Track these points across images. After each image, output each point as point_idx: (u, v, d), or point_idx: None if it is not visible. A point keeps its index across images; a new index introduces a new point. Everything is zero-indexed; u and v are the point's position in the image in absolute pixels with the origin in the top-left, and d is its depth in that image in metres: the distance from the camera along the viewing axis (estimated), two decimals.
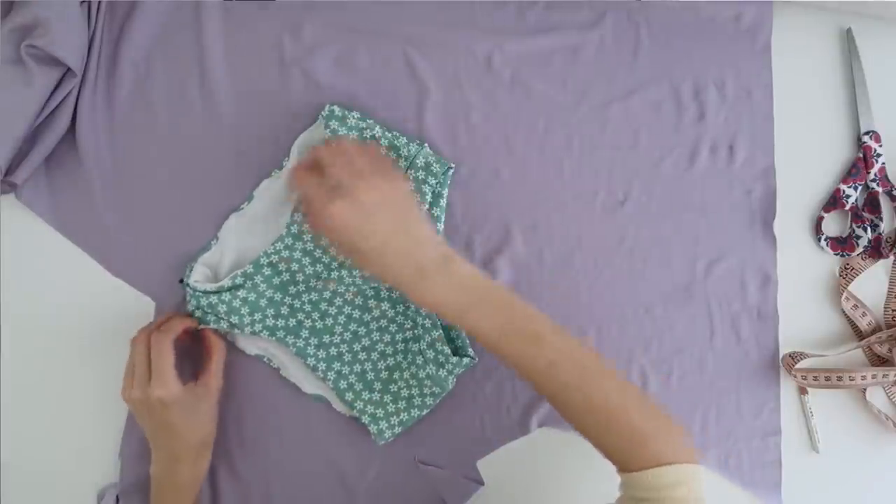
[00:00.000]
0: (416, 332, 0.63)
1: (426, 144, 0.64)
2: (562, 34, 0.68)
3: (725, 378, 0.66)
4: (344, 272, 0.63)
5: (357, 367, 0.63)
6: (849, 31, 0.69)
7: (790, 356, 0.66)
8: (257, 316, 0.62)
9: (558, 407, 0.55)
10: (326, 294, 0.63)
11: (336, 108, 0.64)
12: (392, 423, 0.63)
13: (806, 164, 0.68)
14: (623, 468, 0.52)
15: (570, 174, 0.67)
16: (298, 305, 0.63)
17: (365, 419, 0.63)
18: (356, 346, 0.64)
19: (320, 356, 0.63)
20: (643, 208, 0.67)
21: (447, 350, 0.61)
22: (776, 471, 0.66)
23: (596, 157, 0.67)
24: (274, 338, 0.63)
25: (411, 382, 0.63)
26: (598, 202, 0.67)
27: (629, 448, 0.52)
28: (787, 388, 0.67)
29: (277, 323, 0.63)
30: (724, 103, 0.68)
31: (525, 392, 0.66)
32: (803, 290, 0.68)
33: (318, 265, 0.63)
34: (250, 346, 0.64)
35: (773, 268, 0.67)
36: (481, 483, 0.65)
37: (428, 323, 0.62)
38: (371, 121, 0.64)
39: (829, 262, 0.68)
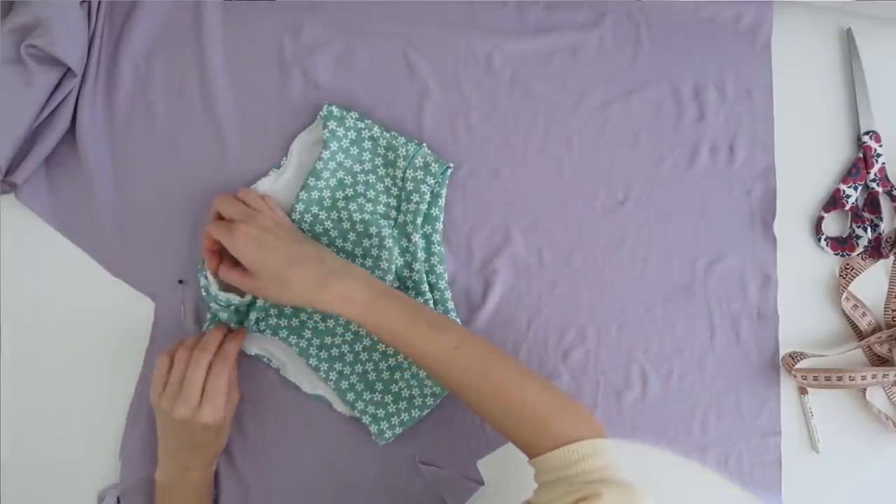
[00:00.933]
0: None
1: (424, 144, 0.64)
2: (562, 34, 0.68)
3: (725, 378, 0.66)
4: (348, 259, 0.63)
5: (358, 368, 0.63)
6: (849, 31, 0.69)
7: (790, 356, 0.66)
8: (261, 314, 0.62)
9: (464, 395, 0.56)
10: None
11: (334, 109, 0.64)
12: (393, 423, 0.63)
13: (806, 164, 0.68)
14: (531, 454, 0.53)
15: (570, 174, 0.67)
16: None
17: (366, 419, 0.63)
18: (357, 347, 0.64)
19: (322, 356, 0.63)
20: (643, 208, 0.67)
21: None
22: (776, 471, 0.66)
23: (596, 157, 0.67)
24: (277, 337, 0.63)
25: (412, 383, 0.63)
26: (598, 202, 0.67)
27: (532, 431, 0.53)
28: (787, 388, 0.67)
29: (280, 322, 0.63)
30: (724, 103, 0.68)
31: None
32: (803, 290, 0.68)
33: None
34: (250, 345, 0.64)
35: (773, 268, 0.67)
36: (481, 483, 0.65)
37: None
38: (369, 121, 0.64)
39: (829, 262, 0.68)
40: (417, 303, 0.59)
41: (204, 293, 0.62)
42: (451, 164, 0.65)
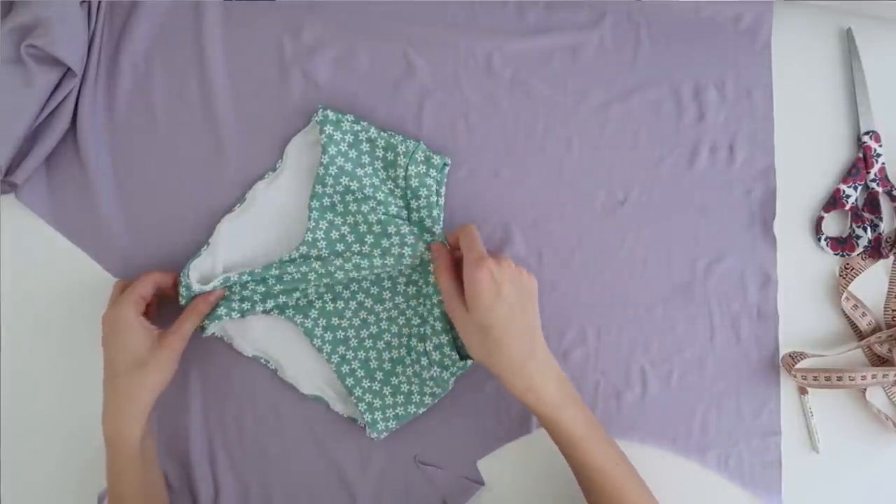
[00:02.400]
0: (423, 330, 0.63)
1: (421, 142, 0.64)
2: (562, 34, 0.68)
3: (725, 378, 0.66)
4: (363, 260, 0.62)
5: (361, 354, 0.64)
6: (849, 31, 0.69)
7: (790, 356, 0.66)
8: (266, 293, 0.62)
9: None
10: (341, 276, 0.62)
11: (329, 112, 0.63)
12: (387, 415, 0.63)
13: (806, 164, 0.68)
14: None
15: (570, 174, 0.67)
16: (312, 290, 0.63)
17: (361, 407, 0.63)
18: (363, 333, 0.64)
19: (326, 338, 0.63)
20: (643, 208, 0.67)
21: (455, 355, 0.61)
22: (776, 471, 0.66)
23: (596, 158, 0.67)
24: (283, 315, 0.63)
25: (413, 379, 0.63)
26: (598, 202, 0.67)
27: None
28: (787, 388, 0.67)
29: (288, 301, 0.63)
30: (724, 103, 0.68)
31: None
32: (803, 290, 0.68)
33: (330, 266, 0.62)
34: (247, 347, 0.64)
35: (773, 268, 0.67)
36: (481, 483, 0.65)
37: (438, 325, 0.62)
38: (365, 123, 0.64)
39: (829, 262, 0.68)
40: (581, 401, 0.59)
41: (183, 300, 0.61)
42: (449, 160, 0.65)
